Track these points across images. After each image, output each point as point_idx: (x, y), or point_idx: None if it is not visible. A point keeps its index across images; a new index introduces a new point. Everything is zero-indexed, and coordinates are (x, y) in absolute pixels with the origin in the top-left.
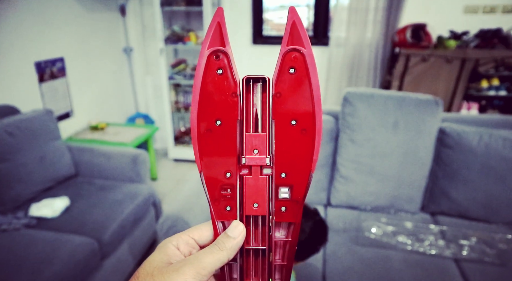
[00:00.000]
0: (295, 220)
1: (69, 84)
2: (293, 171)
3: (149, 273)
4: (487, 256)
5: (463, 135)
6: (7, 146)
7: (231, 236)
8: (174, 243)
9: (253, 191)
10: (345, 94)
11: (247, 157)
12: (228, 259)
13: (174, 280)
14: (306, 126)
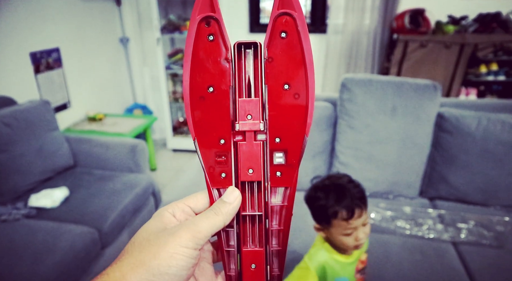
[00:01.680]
0: (290, 185)
1: (66, 75)
2: (287, 135)
3: (144, 238)
4: (484, 239)
5: (462, 120)
6: (4, 137)
7: (227, 202)
8: (170, 210)
9: (247, 157)
10: (343, 80)
11: (241, 123)
12: (224, 224)
13: (170, 243)
14: (298, 90)
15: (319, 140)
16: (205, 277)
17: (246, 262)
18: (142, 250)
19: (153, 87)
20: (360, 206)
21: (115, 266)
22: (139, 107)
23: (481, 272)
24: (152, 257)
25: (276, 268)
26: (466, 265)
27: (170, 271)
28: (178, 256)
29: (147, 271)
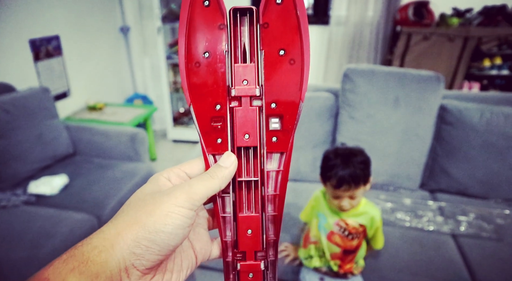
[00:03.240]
0: (286, 150)
1: (66, 63)
2: (283, 101)
3: (140, 198)
4: (484, 231)
5: (465, 112)
6: (3, 123)
7: (222, 166)
8: (165, 175)
9: (243, 122)
10: (346, 70)
11: (237, 88)
12: (219, 188)
13: (165, 202)
14: (294, 56)
15: (320, 130)
16: (201, 243)
17: (242, 228)
18: (137, 209)
19: (154, 77)
20: (350, 183)
21: (111, 224)
22: (140, 97)
23: (480, 264)
24: (148, 215)
25: (272, 234)
26: (465, 257)
27: (166, 229)
28: (173, 214)
29: (143, 229)
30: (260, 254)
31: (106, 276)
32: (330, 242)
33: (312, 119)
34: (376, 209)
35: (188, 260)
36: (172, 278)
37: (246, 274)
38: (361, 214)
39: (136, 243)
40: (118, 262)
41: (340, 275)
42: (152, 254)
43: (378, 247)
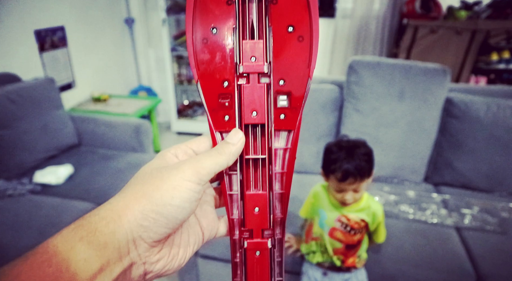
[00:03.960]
0: (293, 128)
1: (71, 54)
2: (291, 78)
3: (147, 173)
4: (488, 225)
5: (471, 105)
6: (9, 113)
7: (230, 142)
8: (172, 151)
9: (251, 99)
10: (351, 62)
11: (245, 65)
12: (227, 164)
13: (173, 176)
14: (303, 33)
15: (324, 122)
16: (208, 220)
17: (249, 206)
18: (145, 183)
19: (158, 69)
20: (355, 176)
21: (118, 197)
22: (144, 89)
23: (483, 257)
24: (155, 188)
25: (279, 212)
26: (468, 250)
27: (173, 202)
28: (181, 188)
29: (150, 202)
30: (267, 232)
31: (114, 247)
32: (332, 238)
33: (316, 111)
34: (378, 203)
35: (195, 236)
36: (179, 252)
37: (253, 252)
38: (363, 209)
39: (144, 216)
40: (126, 233)
41: (343, 269)
42: (160, 226)
43: (380, 241)
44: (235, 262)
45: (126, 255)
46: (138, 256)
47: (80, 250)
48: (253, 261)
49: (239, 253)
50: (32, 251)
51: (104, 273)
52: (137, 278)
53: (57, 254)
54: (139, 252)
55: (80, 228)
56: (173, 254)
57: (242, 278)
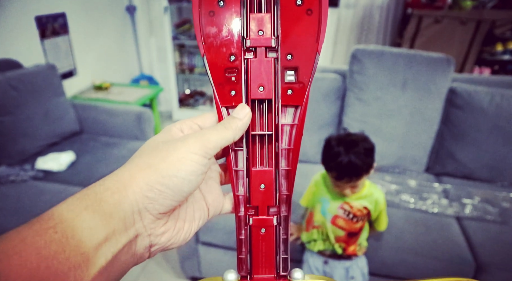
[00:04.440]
0: (301, 103)
1: (72, 41)
2: (299, 53)
3: (152, 146)
4: (489, 215)
5: (474, 95)
6: (11, 99)
7: (236, 117)
8: (178, 126)
9: (258, 74)
10: (354, 51)
11: (252, 39)
12: (233, 138)
13: (179, 149)
14: (311, 6)
15: (326, 112)
16: (213, 195)
17: (255, 183)
18: (150, 155)
19: (160, 58)
20: (351, 176)
21: (123, 168)
22: (145, 78)
23: (483, 246)
24: (161, 160)
25: (285, 189)
26: (468, 239)
27: (179, 174)
28: (187, 161)
29: (156, 173)
30: (272, 210)
31: (119, 217)
32: (334, 226)
33: (318, 101)
34: (380, 191)
35: (200, 211)
36: (184, 226)
37: (258, 229)
38: (365, 197)
39: (149, 187)
40: (131, 204)
41: (344, 257)
42: (165, 198)
43: (381, 229)
44: (240, 239)
45: (131, 226)
46: (143, 228)
47: (86, 218)
48: (258, 238)
49: (244, 230)
50: (37, 218)
51: (110, 242)
52: (143, 250)
53: (63, 221)
54: (145, 224)
55: (85, 198)
56: (179, 228)
57: (247, 255)
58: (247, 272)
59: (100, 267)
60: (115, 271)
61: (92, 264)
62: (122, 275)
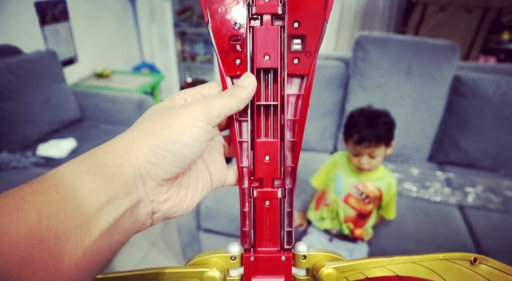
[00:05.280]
0: (307, 73)
1: (72, 28)
2: (306, 20)
3: (155, 112)
4: (492, 203)
5: (479, 83)
6: (11, 85)
7: (241, 86)
8: (181, 95)
9: (264, 42)
10: (358, 38)
11: (258, 5)
12: (238, 107)
13: (183, 114)
14: None
15: (329, 99)
16: (217, 166)
17: (260, 154)
18: (153, 120)
19: (161, 46)
20: (371, 141)
21: (125, 133)
22: (147, 66)
23: (485, 235)
24: (164, 126)
25: (290, 162)
26: (470, 227)
27: (183, 139)
28: (190, 126)
29: (159, 138)
30: (277, 182)
31: (121, 181)
32: (346, 205)
33: (321, 88)
34: (393, 177)
35: (204, 181)
36: (187, 195)
37: (263, 201)
38: (379, 179)
39: (152, 152)
40: (134, 169)
41: (349, 239)
42: (168, 164)
43: (390, 217)
44: (244, 212)
45: (133, 191)
46: (145, 194)
47: (87, 180)
48: (262, 211)
49: (248, 203)
50: (37, 178)
51: (111, 206)
52: (145, 217)
53: (64, 181)
54: (147, 190)
55: (87, 160)
56: (181, 196)
57: (251, 228)
58: (251, 245)
59: (102, 230)
60: (116, 235)
61: (94, 226)
62: (125, 241)
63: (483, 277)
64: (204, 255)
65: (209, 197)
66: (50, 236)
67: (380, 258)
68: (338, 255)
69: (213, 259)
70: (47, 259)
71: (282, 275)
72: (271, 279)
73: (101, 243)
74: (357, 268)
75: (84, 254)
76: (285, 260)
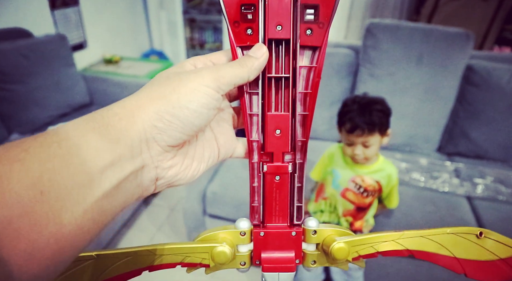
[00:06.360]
0: (320, 44)
1: (82, 13)
2: None
3: (163, 77)
4: (501, 195)
5: (493, 73)
6: (21, 68)
7: (253, 56)
8: (191, 62)
9: (276, 11)
10: (368, 25)
11: None
12: (248, 78)
13: (191, 80)
14: None
15: (337, 88)
16: (225, 137)
17: (270, 128)
18: (161, 85)
19: (170, 33)
20: (363, 128)
21: (132, 97)
22: (156, 53)
23: (493, 226)
24: (172, 90)
25: (301, 136)
26: (478, 219)
27: (191, 105)
28: (199, 93)
29: (166, 103)
30: (287, 157)
31: (126, 144)
32: (344, 199)
33: (330, 76)
34: (393, 167)
35: (210, 151)
36: (192, 164)
37: (273, 176)
38: (378, 171)
39: (159, 116)
40: (139, 132)
41: None
42: (174, 130)
43: (392, 206)
44: (253, 187)
45: (138, 155)
46: (150, 159)
47: (92, 139)
48: (272, 186)
49: (257, 178)
50: (42, 132)
51: (115, 168)
52: (148, 182)
53: (68, 138)
54: (152, 155)
55: (92, 120)
56: (186, 164)
57: (260, 203)
58: (260, 220)
59: (104, 190)
60: (119, 198)
61: (97, 186)
62: (127, 204)
63: (488, 250)
64: (213, 231)
65: (216, 182)
66: (52, 190)
67: (390, 232)
68: (348, 230)
69: (222, 235)
70: (47, 212)
71: (292, 250)
72: (281, 254)
73: (103, 204)
74: (368, 242)
75: (85, 213)
76: (295, 235)
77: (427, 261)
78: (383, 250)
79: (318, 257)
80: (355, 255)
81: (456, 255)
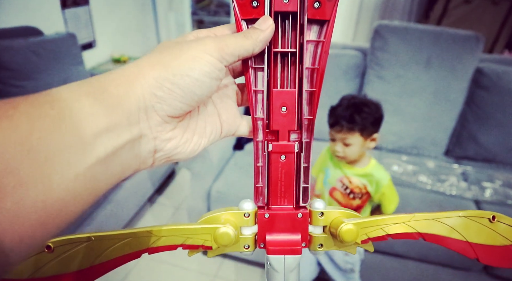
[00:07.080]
0: (329, 17)
1: (92, 13)
2: None
3: (165, 46)
4: (510, 199)
5: (503, 76)
6: (32, 65)
7: (258, 28)
8: (194, 34)
9: None
10: (377, 27)
11: None
12: (253, 50)
13: (194, 48)
14: None
15: (345, 89)
16: (228, 113)
17: (276, 105)
18: (162, 53)
19: (178, 34)
20: (342, 125)
21: (131, 64)
22: None
23: None
24: (173, 58)
25: (307, 113)
26: None
27: (192, 73)
28: (201, 60)
29: (167, 70)
30: (294, 136)
31: (123, 111)
32: (331, 198)
33: (337, 78)
34: (385, 173)
35: (212, 126)
36: (193, 138)
37: (278, 155)
38: (366, 176)
39: (158, 84)
40: (137, 99)
41: None
42: (174, 99)
43: (389, 212)
44: (258, 167)
45: (135, 123)
46: (149, 129)
47: (86, 104)
48: (277, 166)
49: (262, 157)
50: (33, 94)
51: (111, 134)
52: (146, 154)
53: (61, 100)
54: (150, 125)
55: (87, 85)
56: (187, 138)
57: (265, 184)
58: (265, 202)
59: (98, 156)
60: (114, 166)
61: (90, 151)
62: (124, 176)
63: (501, 235)
64: (215, 212)
65: (220, 181)
66: (41, 150)
67: (401, 214)
68: (355, 213)
69: (225, 216)
70: (35, 172)
71: (299, 233)
72: (286, 237)
73: (97, 171)
74: (377, 224)
75: (77, 177)
76: (302, 217)
77: (438, 245)
78: (393, 232)
79: (325, 240)
80: (364, 237)
81: (468, 239)
